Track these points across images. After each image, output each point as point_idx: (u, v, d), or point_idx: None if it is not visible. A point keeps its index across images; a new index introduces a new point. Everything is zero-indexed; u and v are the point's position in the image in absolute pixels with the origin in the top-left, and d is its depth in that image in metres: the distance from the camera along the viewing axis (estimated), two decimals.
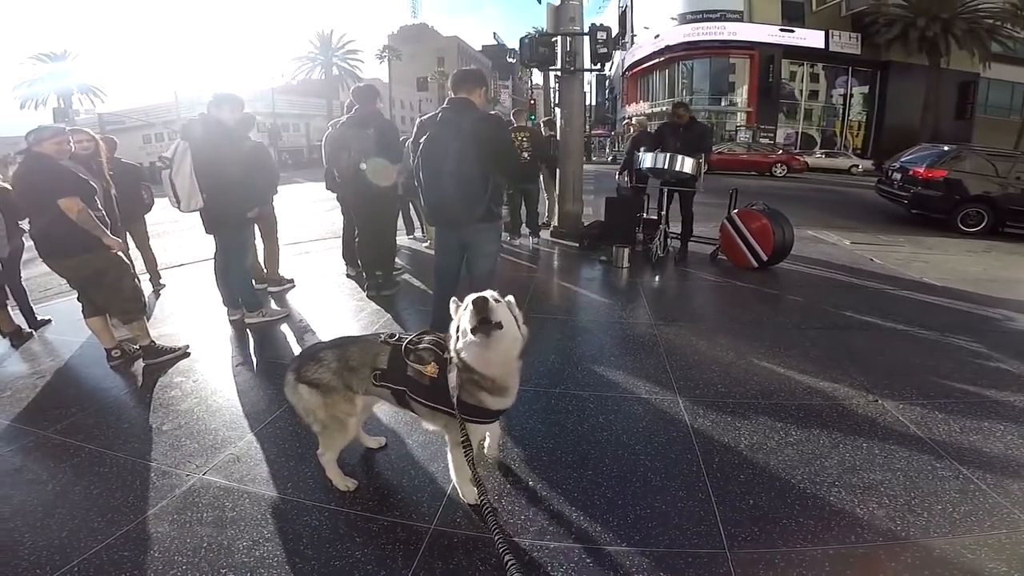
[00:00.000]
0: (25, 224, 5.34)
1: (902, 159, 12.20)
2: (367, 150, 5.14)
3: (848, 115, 34.99)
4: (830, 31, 32.01)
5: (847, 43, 32.20)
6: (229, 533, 2.35)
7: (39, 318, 5.16)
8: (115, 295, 4.00)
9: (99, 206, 3.96)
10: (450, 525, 2.40)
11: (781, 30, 32.15)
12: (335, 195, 6.22)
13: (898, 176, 11.74)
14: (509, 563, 1.30)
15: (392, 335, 2.45)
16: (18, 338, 4.76)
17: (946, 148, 11.41)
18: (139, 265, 4.73)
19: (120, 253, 4.03)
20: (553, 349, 4.37)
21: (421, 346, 2.36)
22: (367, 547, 2.27)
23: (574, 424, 3.24)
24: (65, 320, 5.14)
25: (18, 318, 4.96)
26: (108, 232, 3.89)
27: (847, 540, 2.30)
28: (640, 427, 3.21)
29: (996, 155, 10.65)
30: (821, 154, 30.35)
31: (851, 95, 34.60)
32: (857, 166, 28.72)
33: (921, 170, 10.94)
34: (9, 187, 5.50)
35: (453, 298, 2.36)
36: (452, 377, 2.20)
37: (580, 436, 3.11)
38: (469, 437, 2.08)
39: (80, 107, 42.27)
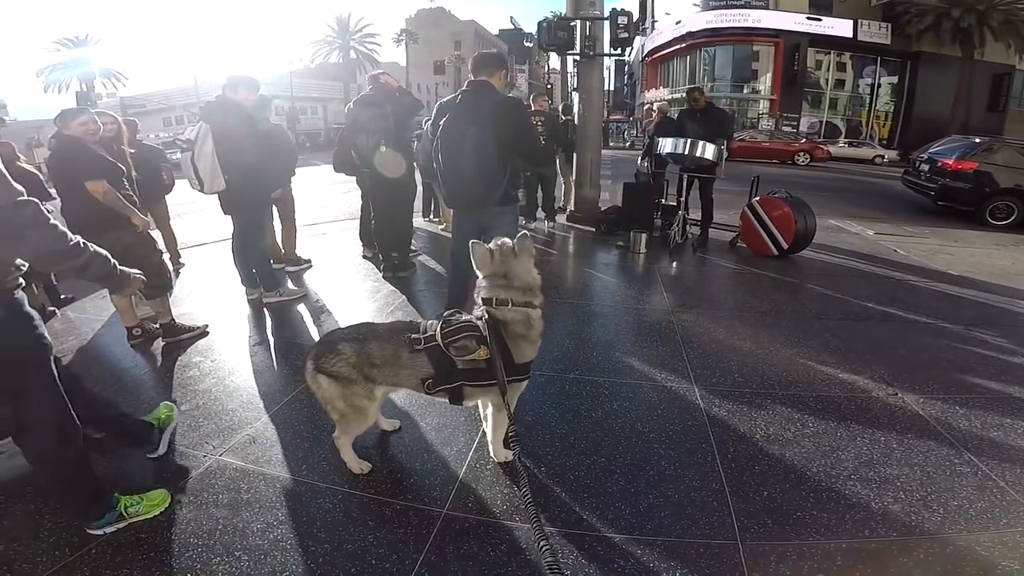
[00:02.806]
0: (49, 206, 5.42)
1: (931, 150, 11.95)
2: (386, 130, 5.15)
3: (875, 105, 34.31)
4: (859, 20, 31.29)
5: (876, 33, 31.45)
6: (244, 515, 2.38)
7: (62, 296, 5.24)
8: (144, 271, 4.06)
9: (127, 187, 4.02)
10: (462, 509, 2.41)
11: (808, 18, 31.47)
12: (354, 178, 6.23)
13: (926, 167, 11.51)
14: (537, 526, 1.30)
15: (415, 337, 2.39)
16: (41, 316, 4.83)
17: (977, 140, 11.15)
18: (159, 245, 4.77)
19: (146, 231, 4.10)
20: (568, 334, 4.36)
21: (458, 338, 2.34)
22: (380, 530, 2.28)
23: (588, 410, 3.24)
24: (88, 298, 5.22)
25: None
26: (136, 211, 3.96)
27: (861, 534, 2.28)
28: (655, 415, 3.20)
29: None
30: (844, 143, 29.80)
31: (879, 85, 33.86)
32: (883, 156, 28.15)
33: (950, 161, 10.70)
34: (34, 169, 5.59)
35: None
36: (498, 365, 2.23)
37: (594, 423, 3.11)
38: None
39: (103, 91, 42.76)
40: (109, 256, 2.14)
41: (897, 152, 28.82)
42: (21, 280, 2.01)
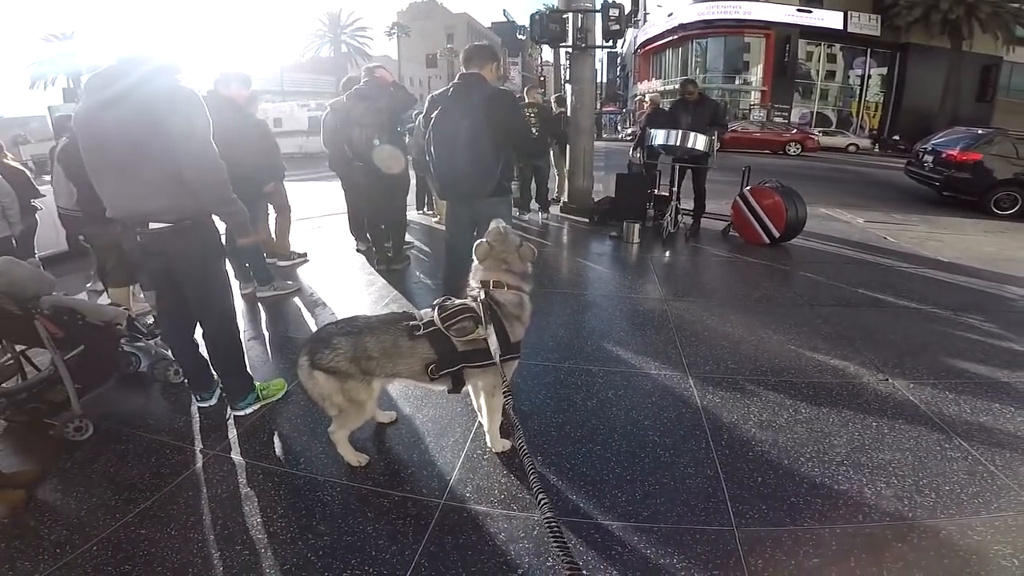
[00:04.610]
0: (38, 203, 5.42)
1: (933, 141, 12.04)
2: (380, 124, 5.14)
3: (865, 96, 34.38)
4: (849, 12, 31.29)
5: (866, 24, 31.47)
6: (243, 509, 2.39)
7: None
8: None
9: None
10: (460, 500, 2.42)
11: (798, 10, 31.43)
12: (338, 173, 6.24)
13: (929, 159, 11.58)
14: (542, 502, 1.33)
15: (413, 324, 2.43)
16: None
17: (980, 131, 11.26)
18: None
19: None
20: (562, 324, 4.38)
21: (457, 320, 2.40)
22: (378, 522, 2.30)
23: (583, 399, 3.26)
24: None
25: None
26: None
27: (854, 519, 2.31)
28: (649, 403, 3.22)
29: None
30: (818, 132, 29.71)
31: (869, 76, 33.91)
32: (856, 145, 28.44)
33: (955, 153, 10.78)
34: (20, 166, 5.55)
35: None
36: (492, 339, 2.27)
37: (589, 411, 3.13)
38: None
39: None
40: (246, 211, 2.87)
41: (871, 140, 29.69)
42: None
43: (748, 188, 7.07)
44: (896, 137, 29.36)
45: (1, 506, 2.34)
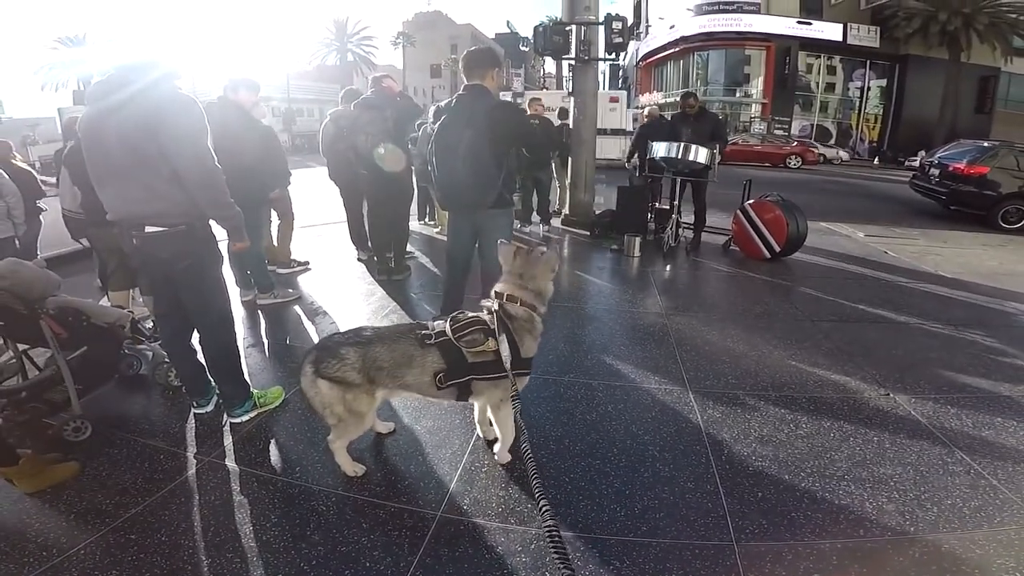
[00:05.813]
0: (43, 203, 5.43)
1: (940, 154, 12.00)
2: (385, 132, 5.16)
3: (865, 108, 34.53)
4: (848, 24, 31.46)
5: (865, 36, 31.63)
6: (236, 517, 2.37)
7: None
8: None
9: None
10: (457, 512, 2.40)
11: (798, 22, 31.60)
12: (338, 182, 6.26)
13: (936, 172, 11.52)
14: (544, 508, 1.33)
15: (425, 333, 2.44)
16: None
17: (986, 144, 11.24)
18: None
19: None
20: (562, 337, 4.36)
21: (468, 332, 2.41)
22: (374, 533, 2.28)
23: (583, 413, 3.24)
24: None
25: None
26: None
27: (855, 534, 2.29)
28: (649, 417, 3.20)
29: None
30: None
31: (868, 88, 34.07)
32: (824, 155, 28.56)
33: (961, 166, 10.75)
34: (27, 167, 5.56)
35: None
36: (504, 346, 2.34)
37: (589, 425, 3.11)
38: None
39: None
40: (242, 215, 2.91)
41: (847, 152, 30.51)
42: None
43: (749, 202, 7.08)
44: (922, 152, 29.31)
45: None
